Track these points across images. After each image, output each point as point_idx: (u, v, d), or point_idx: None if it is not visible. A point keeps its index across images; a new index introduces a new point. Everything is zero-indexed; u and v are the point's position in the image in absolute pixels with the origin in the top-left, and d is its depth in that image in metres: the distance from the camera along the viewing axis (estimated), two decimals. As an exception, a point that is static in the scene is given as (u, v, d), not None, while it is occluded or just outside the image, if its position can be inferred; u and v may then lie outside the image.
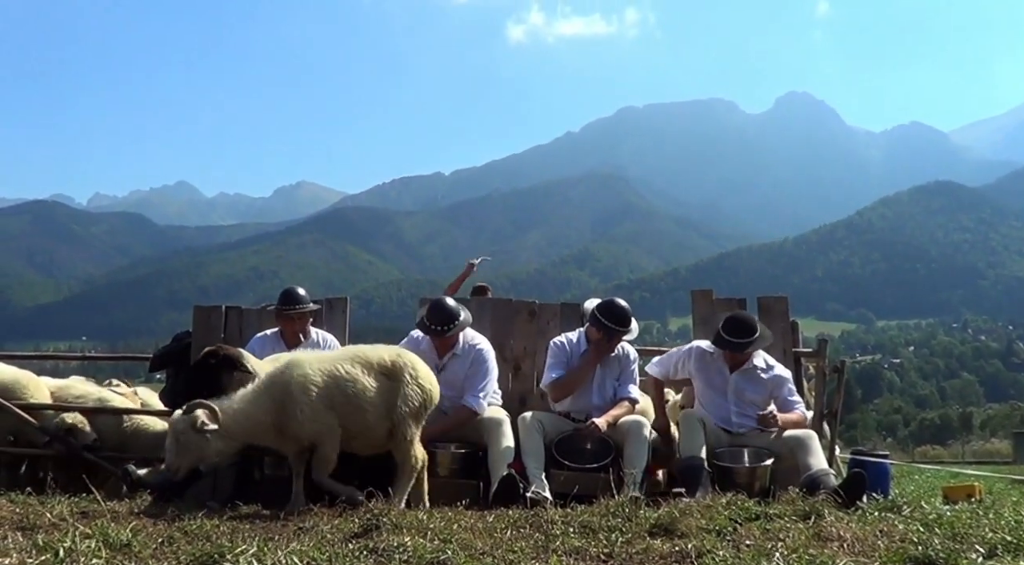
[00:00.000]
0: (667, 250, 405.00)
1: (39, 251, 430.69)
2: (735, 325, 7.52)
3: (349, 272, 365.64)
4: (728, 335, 7.48)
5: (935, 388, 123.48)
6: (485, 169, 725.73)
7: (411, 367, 6.69)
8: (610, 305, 7.72)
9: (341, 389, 6.47)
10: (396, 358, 6.72)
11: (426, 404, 6.69)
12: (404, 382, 6.60)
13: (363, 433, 6.57)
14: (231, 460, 6.80)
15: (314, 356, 6.75)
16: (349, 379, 6.50)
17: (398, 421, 6.53)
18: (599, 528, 5.06)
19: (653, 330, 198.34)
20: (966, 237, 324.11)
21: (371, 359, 6.66)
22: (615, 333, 7.60)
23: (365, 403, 6.49)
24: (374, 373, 6.59)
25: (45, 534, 4.72)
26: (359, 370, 6.56)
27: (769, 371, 7.61)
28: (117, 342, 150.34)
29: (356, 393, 6.48)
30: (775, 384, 7.59)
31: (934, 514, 5.55)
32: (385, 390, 6.56)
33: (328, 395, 6.45)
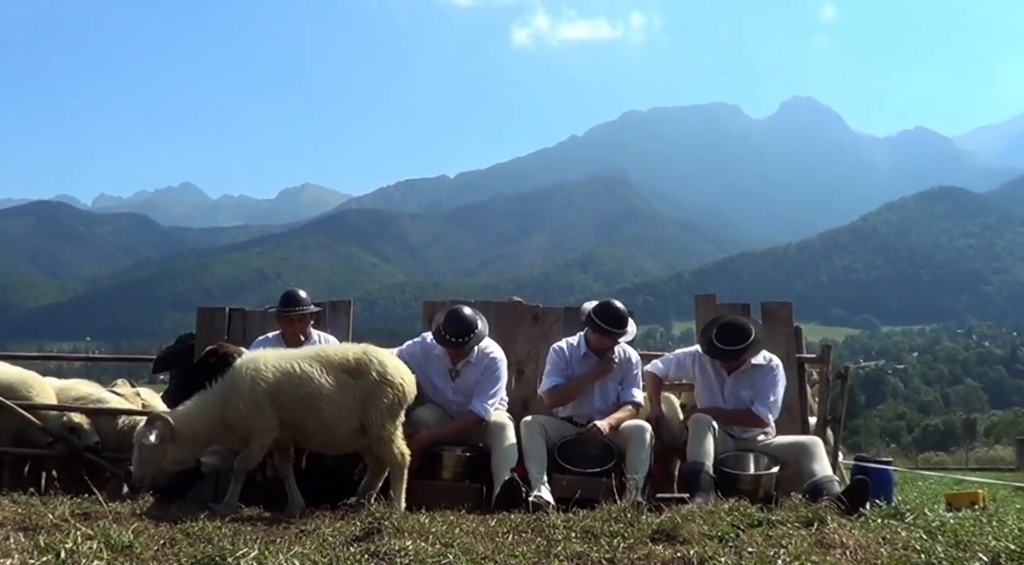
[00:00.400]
0: (671, 254, 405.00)
1: (43, 252, 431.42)
2: (727, 331, 7.47)
3: (353, 274, 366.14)
4: (720, 343, 7.45)
5: (939, 394, 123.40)
6: (489, 172, 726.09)
7: (377, 364, 6.58)
8: (606, 307, 7.70)
9: (293, 387, 6.43)
10: (360, 356, 6.63)
11: (398, 401, 6.58)
12: (370, 380, 6.51)
13: (322, 432, 6.51)
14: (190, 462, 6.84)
15: (273, 353, 6.73)
16: (303, 378, 6.45)
17: (369, 420, 6.46)
18: (601, 533, 5.05)
19: (656, 334, 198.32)
20: (970, 243, 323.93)
21: (332, 358, 6.61)
22: (611, 335, 7.59)
23: (321, 402, 6.42)
24: (335, 372, 6.52)
25: (47, 535, 4.72)
26: (316, 369, 6.49)
27: (764, 367, 7.56)
28: (121, 343, 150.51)
29: (311, 392, 6.42)
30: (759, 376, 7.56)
31: (937, 521, 5.53)
32: (349, 388, 6.48)
33: (276, 393, 6.42)
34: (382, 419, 6.47)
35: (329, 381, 6.47)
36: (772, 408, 7.44)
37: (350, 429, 6.50)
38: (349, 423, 6.48)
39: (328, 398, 6.43)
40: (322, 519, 5.80)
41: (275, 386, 6.44)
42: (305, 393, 6.43)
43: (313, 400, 6.43)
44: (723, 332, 7.48)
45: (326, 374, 6.49)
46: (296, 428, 6.53)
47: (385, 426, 6.48)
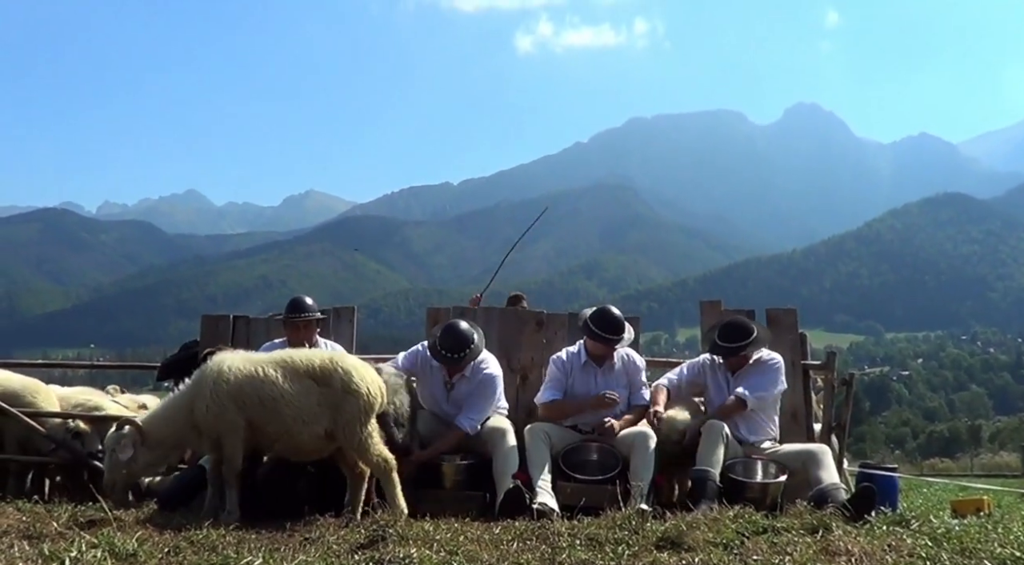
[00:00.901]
0: (675, 261, 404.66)
1: (48, 259, 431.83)
2: (729, 330, 7.56)
3: (357, 281, 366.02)
4: (721, 341, 7.53)
5: (944, 400, 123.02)
6: (494, 179, 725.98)
7: (342, 373, 6.51)
8: (601, 313, 7.70)
9: (255, 390, 6.44)
10: (325, 363, 6.58)
11: (364, 410, 6.46)
12: (334, 388, 6.46)
13: (283, 436, 6.49)
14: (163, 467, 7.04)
15: (242, 356, 6.74)
16: (265, 381, 6.45)
17: (338, 429, 6.43)
18: (606, 541, 5.05)
19: (661, 341, 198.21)
20: (975, 249, 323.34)
21: (297, 363, 6.57)
22: (607, 342, 7.60)
23: (282, 406, 6.41)
24: (299, 377, 6.49)
25: (51, 543, 4.72)
26: (279, 373, 6.47)
27: (765, 363, 7.60)
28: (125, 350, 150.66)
29: (272, 396, 6.42)
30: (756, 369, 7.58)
31: (943, 528, 5.51)
32: (313, 395, 6.44)
33: (238, 394, 6.44)
34: (351, 427, 6.42)
35: (292, 386, 6.44)
36: (757, 396, 7.42)
37: (313, 435, 6.46)
38: (312, 429, 6.44)
39: (289, 402, 6.41)
40: (326, 527, 5.80)
41: (237, 387, 6.46)
42: (266, 396, 6.43)
43: (273, 403, 6.43)
44: (725, 330, 7.57)
45: (289, 379, 6.47)
46: (258, 431, 6.53)
47: (356, 434, 6.42)
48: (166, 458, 7.03)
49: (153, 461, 6.81)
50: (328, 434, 6.47)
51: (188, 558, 4.41)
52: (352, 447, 6.46)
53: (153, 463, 6.86)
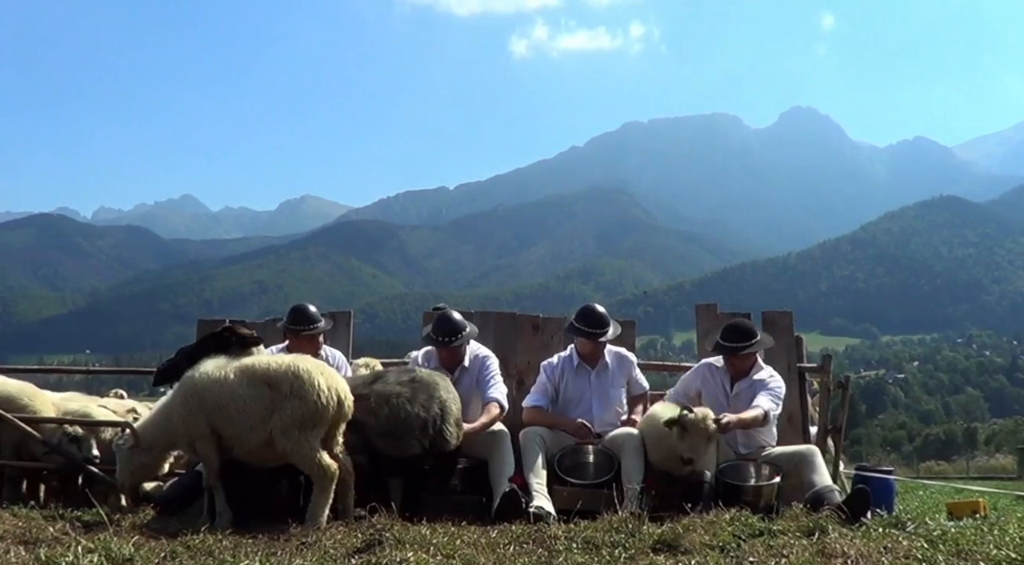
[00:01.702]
0: (671, 264, 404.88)
1: (44, 264, 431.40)
2: (732, 331, 7.60)
3: (353, 286, 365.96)
4: (725, 341, 7.57)
5: (939, 403, 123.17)
6: (490, 183, 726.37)
7: (292, 377, 6.38)
8: (584, 311, 7.79)
9: (214, 395, 6.45)
10: (278, 368, 6.49)
11: (308, 416, 6.30)
12: (281, 393, 6.36)
13: (235, 441, 6.49)
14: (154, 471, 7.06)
15: (216, 362, 6.73)
16: (223, 385, 6.46)
17: (275, 433, 6.32)
18: (602, 544, 5.05)
19: (657, 345, 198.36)
20: (970, 252, 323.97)
21: (257, 369, 6.52)
22: (590, 336, 7.64)
23: (234, 411, 6.40)
24: (255, 382, 6.44)
25: (48, 548, 4.72)
26: (237, 377, 6.47)
27: (763, 381, 7.60)
28: (121, 355, 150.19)
29: (225, 400, 6.42)
30: (757, 387, 7.57)
31: (938, 530, 5.52)
32: (263, 400, 6.38)
33: (202, 399, 6.48)
34: (286, 431, 6.29)
35: (246, 391, 6.41)
36: (771, 402, 7.44)
37: (260, 441, 6.40)
38: (258, 435, 6.39)
39: (240, 407, 6.39)
40: (323, 531, 5.81)
41: (200, 392, 6.51)
42: (223, 401, 6.44)
43: (225, 408, 6.43)
44: (728, 331, 7.61)
45: (246, 384, 6.44)
46: (220, 436, 6.54)
47: (289, 439, 6.29)
48: (159, 461, 7.10)
49: (147, 463, 6.90)
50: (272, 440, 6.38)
51: (185, 562, 4.41)
52: (286, 452, 6.35)
53: (147, 465, 6.93)
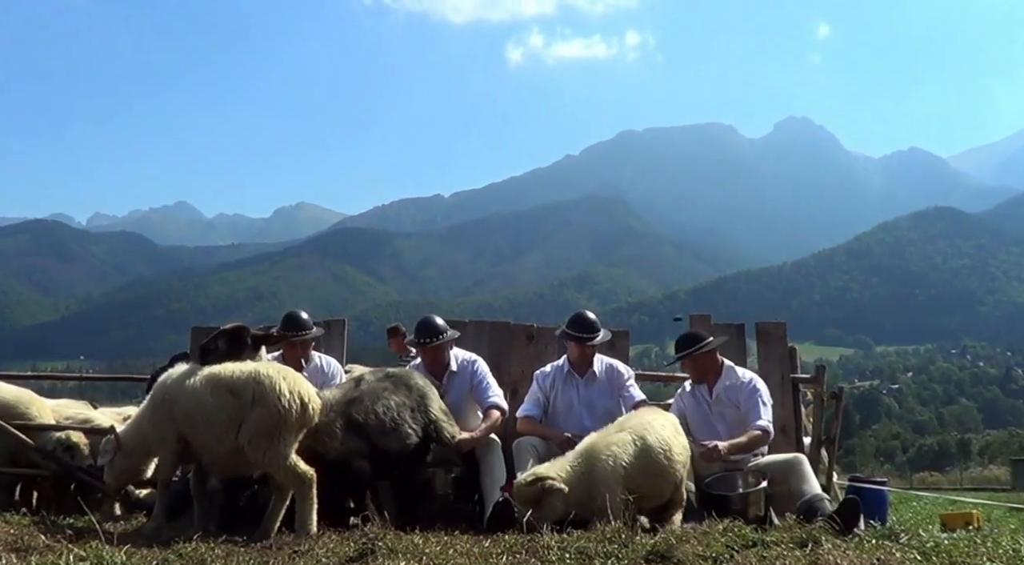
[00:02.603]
0: (666, 274, 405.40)
1: (38, 270, 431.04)
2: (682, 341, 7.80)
3: (347, 293, 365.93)
4: (677, 351, 7.80)
5: (933, 414, 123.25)
6: (485, 191, 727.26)
7: (254, 385, 6.32)
8: (575, 317, 7.88)
9: (182, 402, 6.43)
10: (243, 376, 6.41)
11: (273, 425, 6.21)
12: (244, 401, 6.28)
13: (203, 451, 6.46)
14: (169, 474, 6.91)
15: (186, 370, 6.70)
16: (191, 393, 6.42)
17: (244, 444, 6.24)
18: (595, 554, 5.05)
19: (651, 354, 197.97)
20: (964, 263, 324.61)
21: (222, 376, 6.46)
22: (579, 341, 7.71)
23: (200, 419, 6.37)
24: (220, 390, 6.37)
25: (39, 556, 4.71)
26: (203, 386, 6.42)
27: (739, 386, 7.65)
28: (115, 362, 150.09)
29: (192, 408, 6.40)
30: (742, 397, 7.62)
31: (932, 542, 5.52)
32: (227, 408, 6.30)
33: (172, 407, 6.48)
34: (256, 441, 6.22)
35: (212, 400, 6.35)
36: (765, 416, 7.50)
37: (228, 450, 6.34)
38: (224, 444, 6.33)
39: (206, 416, 6.35)
40: (316, 540, 5.80)
41: (172, 399, 6.50)
42: (191, 409, 6.41)
43: (192, 417, 6.41)
44: (679, 342, 7.82)
45: (212, 393, 6.38)
46: (186, 444, 6.52)
47: (258, 448, 6.22)
48: (141, 466, 7.12)
49: (129, 467, 6.90)
50: (240, 449, 6.31)
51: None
52: (258, 462, 6.30)
53: (129, 470, 6.93)
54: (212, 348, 6.94)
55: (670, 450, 6.76)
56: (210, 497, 6.61)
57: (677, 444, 6.87)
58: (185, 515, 6.84)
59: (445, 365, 7.72)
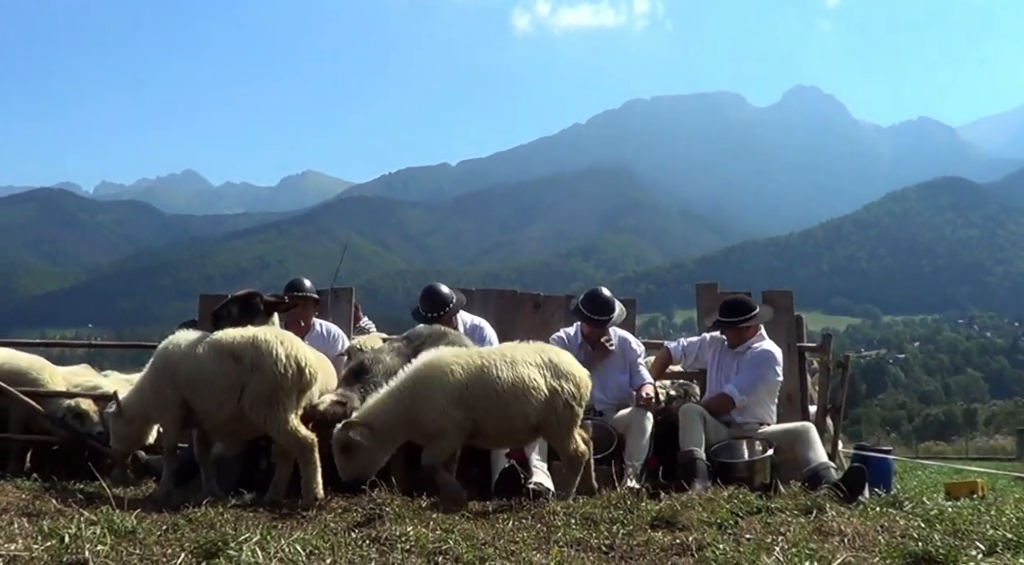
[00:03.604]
0: (673, 243, 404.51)
1: (46, 239, 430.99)
2: (730, 305, 7.69)
3: (355, 262, 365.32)
4: (723, 316, 7.65)
5: (940, 384, 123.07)
6: (491, 160, 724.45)
7: (252, 350, 6.35)
8: (590, 295, 7.83)
9: (185, 369, 6.47)
10: (241, 340, 6.45)
11: (272, 389, 6.24)
12: (244, 366, 6.33)
13: (206, 417, 6.51)
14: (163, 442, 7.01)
15: (188, 335, 6.75)
16: (193, 360, 6.46)
17: (246, 408, 6.30)
18: (601, 520, 5.08)
19: (658, 323, 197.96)
20: (973, 233, 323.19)
21: (223, 342, 6.50)
22: (595, 323, 7.66)
23: (201, 385, 6.42)
24: (221, 356, 6.42)
25: (51, 521, 4.75)
26: (205, 351, 6.47)
27: (754, 350, 7.64)
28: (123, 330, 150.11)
29: (194, 375, 6.44)
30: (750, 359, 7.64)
31: (936, 510, 5.55)
32: (230, 374, 6.35)
33: (175, 373, 6.52)
34: (256, 406, 6.27)
35: (214, 365, 6.40)
36: (747, 394, 7.50)
37: (229, 415, 6.38)
38: (226, 409, 6.38)
39: (207, 382, 6.40)
40: (324, 505, 5.85)
41: (174, 366, 6.54)
42: (193, 375, 6.45)
43: (194, 382, 6.46)
44: (726, 306, 7.69)
45: (214, 358, 6.43)
46: (189, 410, 6.57)
47: (259, 413, 6.28)
48: (143, 431, 7.15)
49: (131, 433, 6.96)
50: (242, 414, 6.36)
51: (186, 535, 4.44)
52: (261, 426, 6.35)
53: (130, 436, 6.98)
54: (225, 314, 6.96)
55: (526, 386, 6.09)
56: (216, 462, 6.64)
57: (545, 383, 6.18)
58: (194, 481, 6.89)
59: (452, 328, 7.70)
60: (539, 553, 4.19)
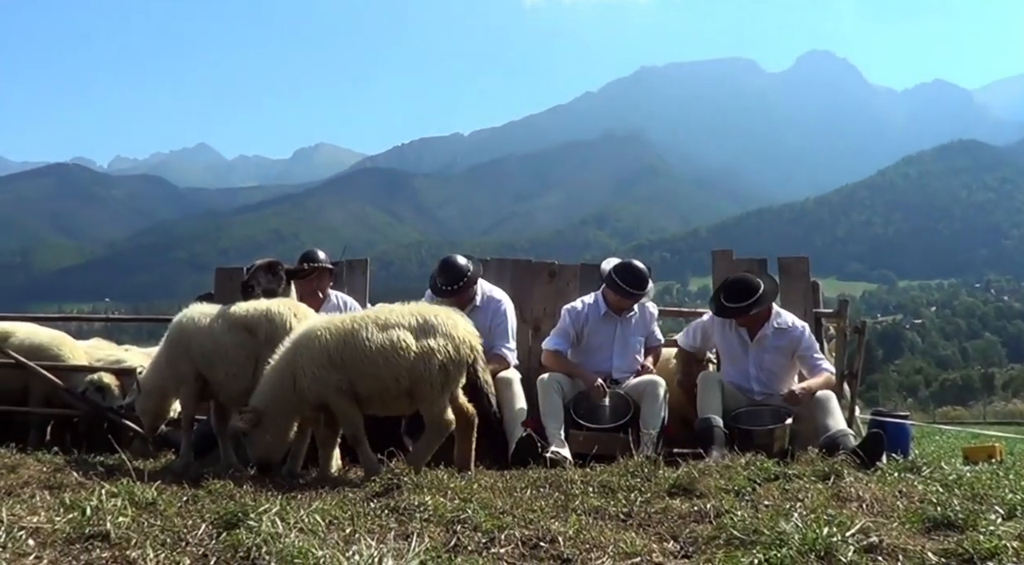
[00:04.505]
0: (687, 211, 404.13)
1: (62, 214, 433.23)
2: (733, 289, 7.42)
3: (369, 233, 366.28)
4: (728, 302, 7.41)
5: (957, 349, 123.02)
6: (504, 130, 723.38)
7: (266, 322, 6.37)
8: (627, 267, 7.64)
9: (199, 342, 6.50)
10: (255, 312, 6.46)
11: None
12: (259, 340, 6.35)
13: (221, 389, 6.52)
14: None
15: (202, 309, 6.78)
16: (206, 332, 6.49)
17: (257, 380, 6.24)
18: (618, 488, 5.08)
19: (673, 290, 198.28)
20: (989, 196, 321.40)
21: (235, 314, 6.52)
22: (631, 297, 7.58)
23: (216, 358, 6.44)
24: (235, 329, 6.44)
25: (72, 493, 4.78)
26: (219, 324, 6.49)
27: (789, 333, 7.45)
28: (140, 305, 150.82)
29: (209, 347, 6.47)
30: (796, 346, 7.43)
31: (954, 475, 5.53)
32: (245, 347, 6.35)
33: (187, 345, 6.54)
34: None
35: (228, 338, 6.43)
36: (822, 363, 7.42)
37: (245, 387, 6.32)
38: (241, 382, 6.38)
39: (222, 355, 6.43)
40: (342, 475, 5.88)
41: (188, 340, 6.55)
42: (207, 349, 6.48)
43: (209, 356, 6.48)
44: (729, 291, 7.44)
45: (229, 331, 6.45)
46: (205, 383, 6.60)
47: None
48: (163, 406, 7.11)
49: (151, 409, 6.98)
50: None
51: (206, 506, 4.46)
52: None
53: (151, 411, 7.00)
54: (254, 284, 6.98)
55: (395, 347, 5.85)
56: (233, 434, 6.67)
57: (417, 345, 5.91)
58: (212, 453, 6.92)
59: (470, 299, 7.70)
60: (557, 521, 4.19)
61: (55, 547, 3.56)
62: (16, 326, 9.14)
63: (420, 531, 3.93)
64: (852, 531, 3.74)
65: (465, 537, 3.89)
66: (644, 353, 7.86)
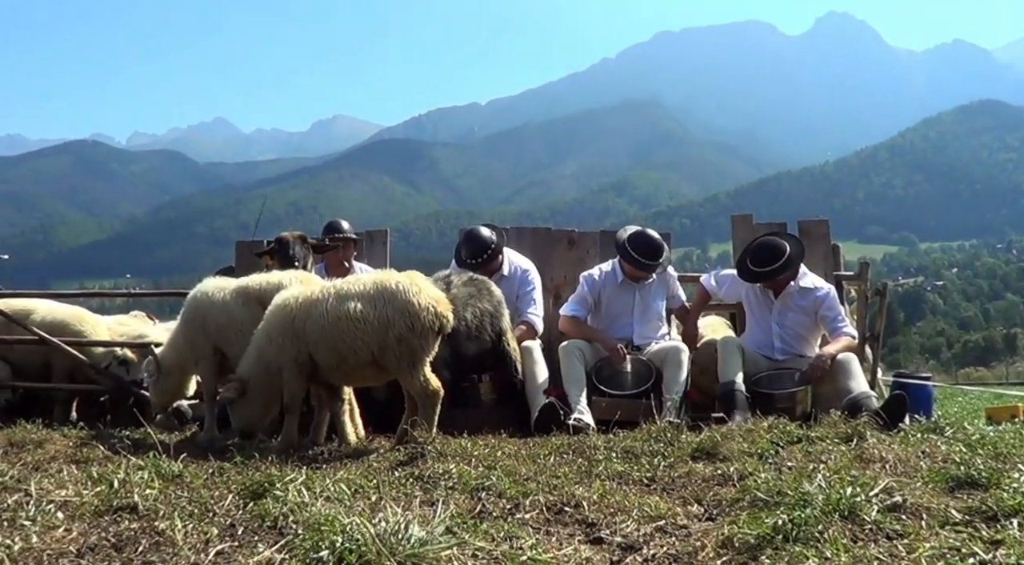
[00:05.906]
0: (706, 176, 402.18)
1: (81, 191, 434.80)
2: (760, 253, 7.41)
3: (387, 204, 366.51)
4: (755, 266, 7.40)
5: (979, 310, 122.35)
6: (521, 98, 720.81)
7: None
8: (640, 237, 7.63)
9: (215, 316, 6.54)
10: (269, 285, 6.45)
11: None
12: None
13: (238, 362, 6.39)
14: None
15: (217, 283, 6.82)
16: (222, 306, 6.53)
17: None
18: (641, 453, 5.09)
19: (693, 257, 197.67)
20: (1011, 156, 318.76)
21: (251, 288, 6.54)
22: (645, 268, 7.58)
23: (231, 332, 6.46)
24: (250, 303, 6.45)
25: (99, 467, 4.82)
26: (234, 298, 6.53)
27: (813, 293, 7.46)
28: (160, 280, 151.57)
29: (225, 321, 6.51)
30: (819, 306, 7.42)
31: (977, 435, 5.51)
32: (260, 319, 6.18)
33: (203, 321, 6.59)
34: None
35: (242, 312, 6.44)
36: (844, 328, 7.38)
37: None
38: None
39: (236, 328, 6.43)
40: (366, 445, 5.91)
41: (203, 314, 6.60)
42: (223, 323, 6.51)
43: (225, 329, 6.51)
44: (756, 254, 7.43)
45: (243, 305, 6.47)
46: (223, 357, 6.63)
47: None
48: (181, 383, 7.14)
49: (169, 387, 7.02)
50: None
51: (232, 478, 4.49)
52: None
53: (169, 389, 7.04)
54: (294, 255, 7.07)
55: (351, 317, 5.70)
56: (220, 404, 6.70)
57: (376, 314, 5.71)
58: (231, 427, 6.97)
59: (496, 269, 7.71)
60: (581, 487, 4.21)
61: (84, 520, 3.60)
62: (37, 303, 9.20)
63: (445, 498, 3.96)
64: (875, 491, 3.73)
65: (490, 503, 3.91)
66: (668, 315, 7.89)
